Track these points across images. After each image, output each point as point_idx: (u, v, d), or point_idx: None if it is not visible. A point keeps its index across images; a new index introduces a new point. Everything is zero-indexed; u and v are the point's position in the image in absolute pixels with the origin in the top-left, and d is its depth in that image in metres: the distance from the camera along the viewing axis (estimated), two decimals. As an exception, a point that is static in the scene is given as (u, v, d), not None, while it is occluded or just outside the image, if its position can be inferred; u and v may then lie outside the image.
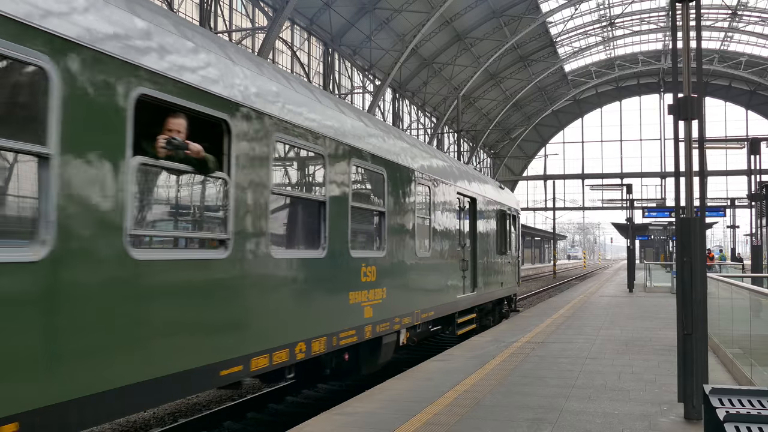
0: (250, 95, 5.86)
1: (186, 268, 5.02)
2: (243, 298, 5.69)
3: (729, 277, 11.97)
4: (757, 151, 23.94)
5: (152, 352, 4.62)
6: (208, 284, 5.24)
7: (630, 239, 30.06)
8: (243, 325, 5.75)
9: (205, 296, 5.19)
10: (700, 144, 6.84)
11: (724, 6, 46.26)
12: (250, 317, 5.85)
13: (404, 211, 9.56)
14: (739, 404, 3.41)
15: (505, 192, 17.56)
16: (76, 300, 4.02)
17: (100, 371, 4.21)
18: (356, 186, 8.16)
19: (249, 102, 5.79)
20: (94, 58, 4.16)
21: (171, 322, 4.81)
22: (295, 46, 32.39)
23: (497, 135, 63.27)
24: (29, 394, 3.73)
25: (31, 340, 3.78)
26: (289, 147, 6.66)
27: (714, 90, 62.56)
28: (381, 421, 6.40)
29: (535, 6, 40.95)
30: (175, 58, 4.96)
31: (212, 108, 5.27)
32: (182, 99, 4.95)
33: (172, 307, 4.84)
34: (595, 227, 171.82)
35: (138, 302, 4.51)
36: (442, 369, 9.24)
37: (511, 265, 17.12)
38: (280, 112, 6.31)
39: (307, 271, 6.85)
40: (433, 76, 43.73)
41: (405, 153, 9.81)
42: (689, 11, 6.81)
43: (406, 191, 9.65)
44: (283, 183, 6.74)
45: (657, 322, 15.38)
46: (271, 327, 6.13)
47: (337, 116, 7.75)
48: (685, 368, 6.39)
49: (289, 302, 6.51)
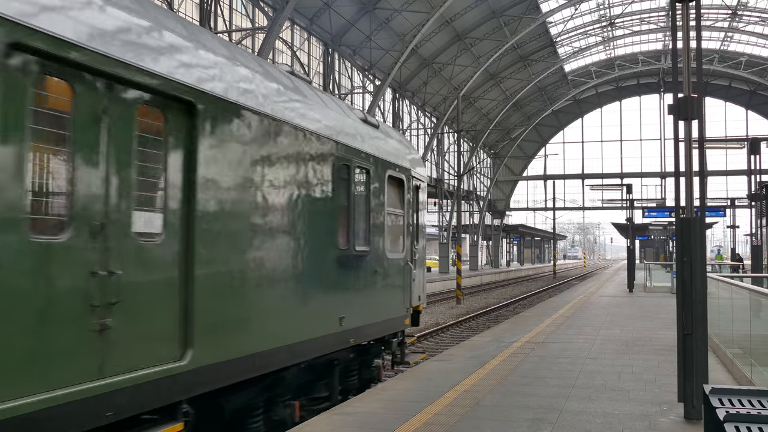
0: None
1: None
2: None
3: (728, 277, 11.97)
4: (757, 151, 23.94)
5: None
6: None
7: (630, 239, 30.07)
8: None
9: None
10: (700, 144, 6.83)
11: (724, 6, 46.24)
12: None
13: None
14: (739, 404, 3.41)
15: (384, 134, 9.44)
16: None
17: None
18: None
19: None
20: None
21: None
22: (295, 46, 32.39)
23: (497, 135, 63.26)
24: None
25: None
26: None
27: (714, 90, 62.53)
28: (381, 421, 6.40)
29: (535, 6, 40.94)
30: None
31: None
32: None
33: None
34: (595, 227, 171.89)
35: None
36: (442, 369, 9.24)
37: (399, 274, 9.38)
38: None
39: None
40: (433, 76, 43.74)
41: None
42: (689, 11, 6.81)
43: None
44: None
45: (657, 322, 15.37)
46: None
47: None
48: (685, 368, 6.39)
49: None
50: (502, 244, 73.98)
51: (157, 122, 4.84)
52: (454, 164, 52.79)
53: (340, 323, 7.47)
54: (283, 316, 6.32)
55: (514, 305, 28.15)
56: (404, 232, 9.56)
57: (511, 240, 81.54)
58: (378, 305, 8.61)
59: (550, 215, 68.81)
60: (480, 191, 63.60)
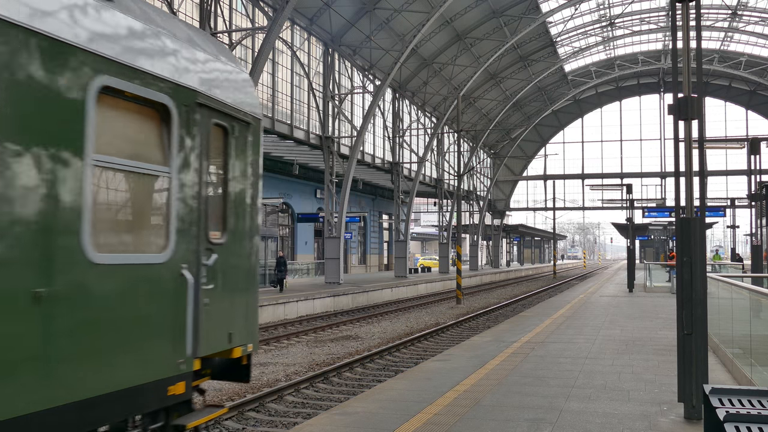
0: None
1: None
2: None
3: (728, 277, 11.97)
4: (757, 151, 23.92)
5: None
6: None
7: (630, 239, 30.06)
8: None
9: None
10: (700, 144, 6.84)
11: (724, 6, 46.24)
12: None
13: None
14: (739, 404, 3.41)
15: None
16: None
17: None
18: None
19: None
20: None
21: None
22: (295, 46, 32.39)
23: (497, 135, 63.27)
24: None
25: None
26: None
27: (714, 90, 62.55)
28: (381, 421, 6.40)
29: (535, 6, 40.94)
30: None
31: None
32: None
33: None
34: (595, 227, 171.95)
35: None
36: (442, 369, 9.24)
37: (151, 296, 4.71)
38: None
39: None
40: (433, 76, 43.74)
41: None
42: (689, 11, 6.81)
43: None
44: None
45: (657, 322, 15.37)
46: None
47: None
48: (685, 368, 6.39)
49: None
50: (502, 244, 74.00)
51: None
52: (454, 164, 52.79)
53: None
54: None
55: (514, 305, 28.15)
56: (169, 209, 4.89)
57: (511, 240, 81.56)
58: (68, 368, 3.94)
59: (550, 215, 68.87)
60: (480, 191, 63.60)
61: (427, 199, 62.74)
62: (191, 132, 5.08)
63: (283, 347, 16.10)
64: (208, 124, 5.31)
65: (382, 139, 42.07)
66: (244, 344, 5.78)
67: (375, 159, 40.94)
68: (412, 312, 25.75)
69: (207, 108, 5.29)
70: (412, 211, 42.99)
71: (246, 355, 5.87)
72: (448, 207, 52.04)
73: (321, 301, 24.70)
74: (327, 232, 31.90)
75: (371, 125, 39.16)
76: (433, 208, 50.83)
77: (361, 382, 11.94)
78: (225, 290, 5.51)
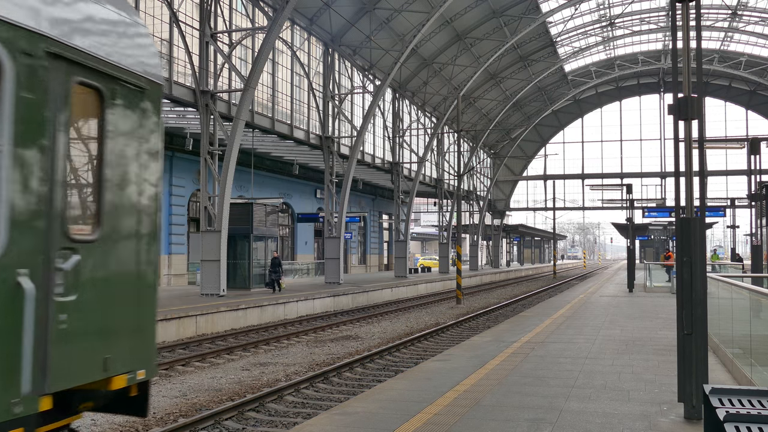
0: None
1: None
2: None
3: (728, 277, 11.96)
4: (757, 151, 23.92)
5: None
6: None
7: (630, 239, 30.06)
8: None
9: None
10: (700, 144, 6.84)
11: (724, 6, 46.24)
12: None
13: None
14: (739, 404, 3.41)
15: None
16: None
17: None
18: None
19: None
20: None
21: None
22: (295, 46, 32.39)
23: (497, 135, 63.26)
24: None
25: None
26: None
27: (714, 90, 62.54)
28: (381, 421, 6.40)
29: (535, 6, 40.93)
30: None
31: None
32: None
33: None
34: (595, 227, 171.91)
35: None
36: (442, 369, 9.24)
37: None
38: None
39: None
40: (433, 76, 43.74)
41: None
42: (689, 11, 6.81)
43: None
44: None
45: (657, 322, 15.37)
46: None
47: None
48: (685, 368, 6.39)
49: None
50: (502, 244, 73.99)
51: None
52: (454, 164, 52.78)
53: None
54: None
55: (514, 305, 28.15)
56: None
57: (511, 240, 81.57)
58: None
59: (550, 215, 68.86)
60: (480, 191, 63.60)
61: (427, 199, 62.74)
62: (36, 91, 3.66)
63: (283, 347, 16.10)
64: (67, 83, 3.90)
65: (382, 139, 42.07)
66: (131, 371, 4.40)
67: (375, 159, 40.94)
68: (412, 312, 25.75)
69: (65, 61, 3.88)
70: (412, 211, 42.99)
71: (135, 384, 4.53)
72: (448, 207, 52.04)
73: (321, 301, 24.71)
74: (327, 232, 31.91)
75: (371, 125, 39.15)
76: (433, 208, 50.83)
77: (361, 382, 11.94)
78: (97, 303, 4.13)
